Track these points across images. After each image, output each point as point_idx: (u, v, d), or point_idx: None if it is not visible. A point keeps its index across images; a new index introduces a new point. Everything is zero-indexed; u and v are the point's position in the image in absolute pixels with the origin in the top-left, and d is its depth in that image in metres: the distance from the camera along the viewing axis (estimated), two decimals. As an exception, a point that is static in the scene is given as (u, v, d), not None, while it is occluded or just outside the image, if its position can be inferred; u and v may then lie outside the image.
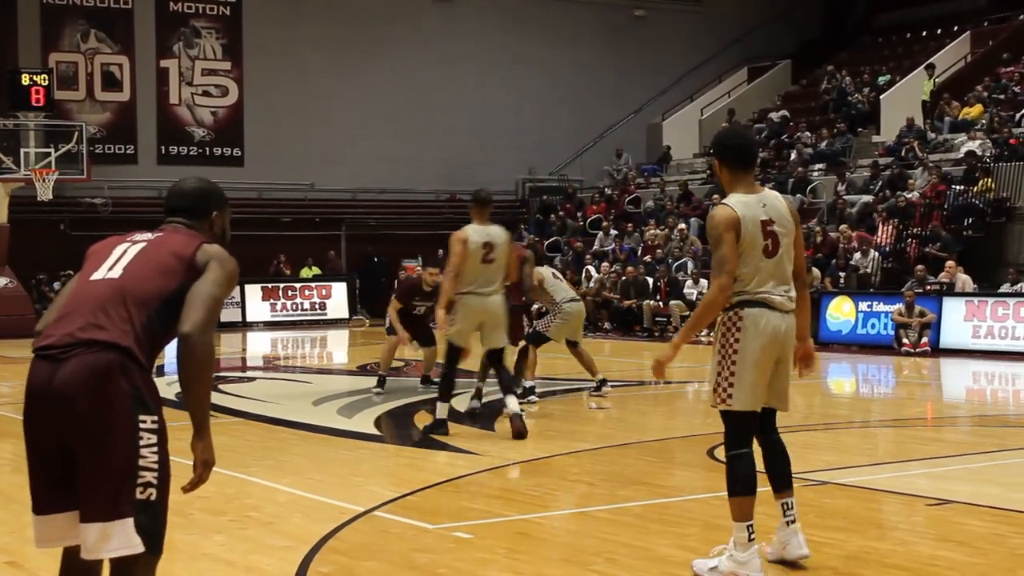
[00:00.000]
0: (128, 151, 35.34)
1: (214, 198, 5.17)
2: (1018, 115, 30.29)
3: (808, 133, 35.13)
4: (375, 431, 12.87)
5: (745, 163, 6.86)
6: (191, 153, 35.98)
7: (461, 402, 13.93)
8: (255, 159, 36.14)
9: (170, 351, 4.89)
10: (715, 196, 33.31)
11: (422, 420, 12.93)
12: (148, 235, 4.95)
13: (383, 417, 13.81)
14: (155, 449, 4.47)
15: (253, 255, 33.90)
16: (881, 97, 34.63)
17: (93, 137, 33.70)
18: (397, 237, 35.67)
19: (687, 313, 27.72)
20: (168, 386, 13.05)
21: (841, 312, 24.81)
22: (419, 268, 32.85)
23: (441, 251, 14.61)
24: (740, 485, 6.80)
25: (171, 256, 4.74)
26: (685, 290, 28.35)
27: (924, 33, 38.68)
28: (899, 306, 23.51)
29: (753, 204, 6.70)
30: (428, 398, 15.18)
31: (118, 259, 4.76)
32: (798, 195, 31.43)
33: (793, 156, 34.15)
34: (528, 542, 7.85)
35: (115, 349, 4.46)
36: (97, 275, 4.71)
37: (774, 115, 37.48)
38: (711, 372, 6.86)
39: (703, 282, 27.56)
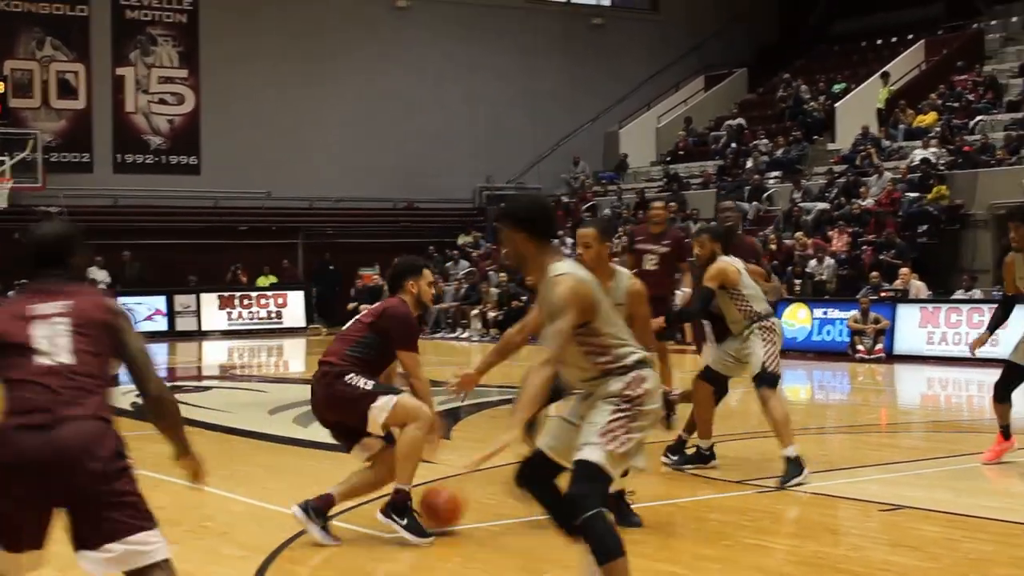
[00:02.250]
0: (83, 159, 35.12)
1: None
2: (971, 123, 30.53)
3: (764, 141, 35.29)
4: (331, 440, 12.81)
5: (553, 232, 6.16)
6: (147, 161, 35.78)
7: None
8: (211, 167, 35.98)
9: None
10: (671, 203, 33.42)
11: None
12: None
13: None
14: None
15: (209, 263, 33.89)
16: (836, 105, 34.82)
17: (48, 145, 33.54)
18: (354, 245, 35.59)
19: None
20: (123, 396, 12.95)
21: (796, 319, 24.94)
22: (376, 276, 33.00)
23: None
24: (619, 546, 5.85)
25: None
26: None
27: (879, 41, 38.90)
28: (854, 313, 23.67)
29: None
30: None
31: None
32: (754, 203, 31.60)
33: (749, 164, 34.31)
34: (484, 550, 7.85)
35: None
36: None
37: (731, 123, 37.64)
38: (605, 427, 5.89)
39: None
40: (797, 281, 26.77)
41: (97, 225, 29.41)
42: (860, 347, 23.29)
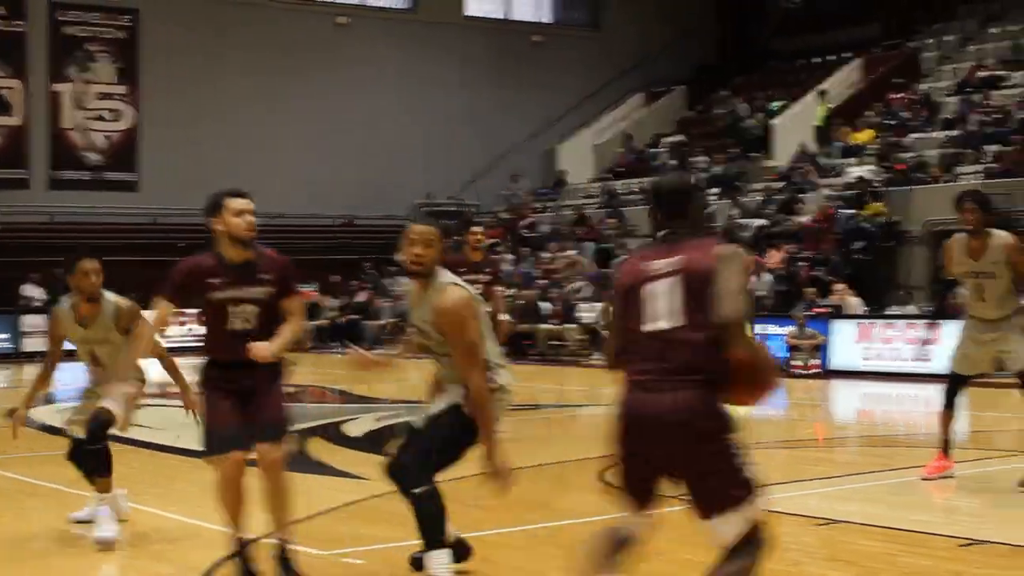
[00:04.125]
0: (20, 176, 34.79)
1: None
2: (907, 140, 30.83)
3: (703, 158, 35.48)
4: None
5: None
6: (84, 178, 35.49)
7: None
8: (150, 184, 35.70)
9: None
10: (610, 220, 33.57)
11: (317, 446, 12.82)
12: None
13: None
14: None
15: (149, 280, 33.53)
16: (774, 122, 35.07)
17: (-17, 162, 33.23)
18: (294, 263, 35.32)
19: (582, 337, 27.90)
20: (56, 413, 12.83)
21: (735, 335, 25.02)
22: (313, 293, 32.81)
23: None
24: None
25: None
26: (578, 313, 28.57)
27: (817, 59, 39.24)
28: (792, 328, 23.81)
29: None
30: (328, 422, 15.13)
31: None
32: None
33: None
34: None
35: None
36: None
37: (670, 140, 37.82)
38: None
39: (598, 305, 27.79)
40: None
41: (33, 242, 29.13)
42: (796, 362, 23.43)
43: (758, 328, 24.83)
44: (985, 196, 10.59)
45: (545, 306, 29.49)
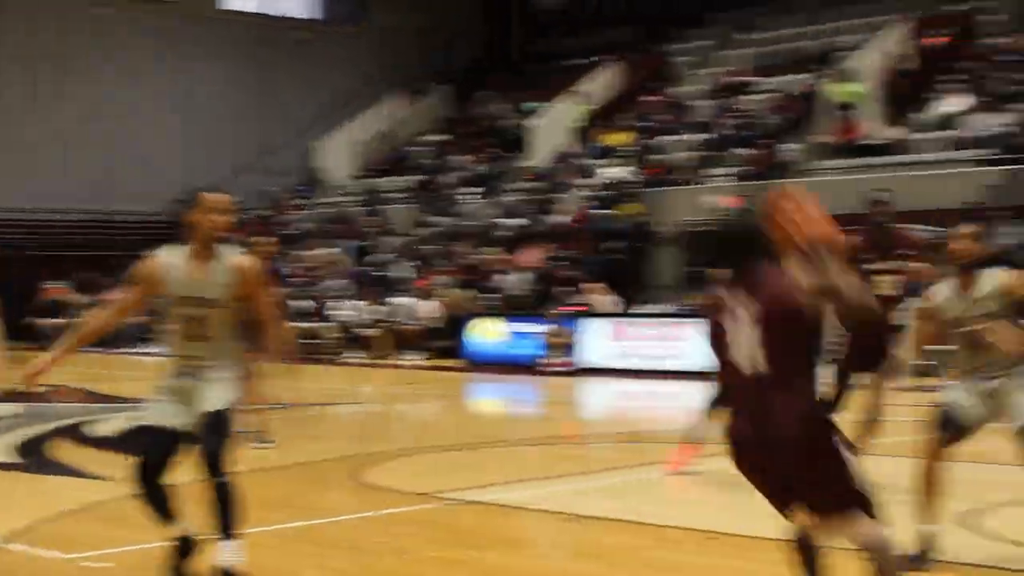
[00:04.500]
0: None
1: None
2: (661, 143, 31.52)
3: (464, 157, 35.66)
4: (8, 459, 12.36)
5: None
6: None
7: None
8: None
9: None
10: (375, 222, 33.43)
11: (60, 447, 12.47)
12: None
13: (19, 444, 13.27)
14: None
15: None
16: (534, 123, 35.44)
17: None
18: (41, 259, 34.25)
19: (338, 335, 27.79)
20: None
21: (490, 333, 25.27)
22: (66, 289, 31.81)
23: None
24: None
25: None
26: (335, 312, 28.48)
27: (576, 62, 39.76)
28: (548, 327, 24.11)
29: None
30: (74, 422, 14.74)
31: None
32: (451, 217, 31.90)
33: (449, 179, 34.62)
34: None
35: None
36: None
37: (431, 138, 37.92)
38: None
39: (358, 303, 27.74)
40: (491, 295, 27.18)
41: None
42: (550, 360, 23.74)
43: (513, 327, 25.10)
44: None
45: (301, 304, 29.24)
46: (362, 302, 28.29)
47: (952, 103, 27.75)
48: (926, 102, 29.10)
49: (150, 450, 6.87)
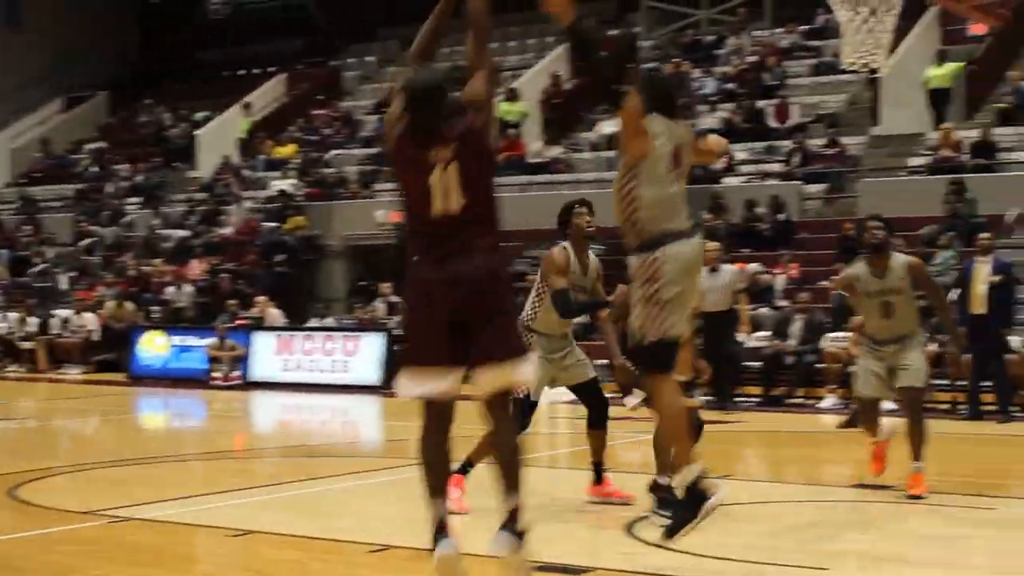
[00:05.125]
0: None
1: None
2: (328, 156, 31.59)
3: (125, 165, 34.91)
4: None
5: None
6: None
7: None
8: None
9: None
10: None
11: None
12: None
13: None
14: None
15: None
16: (199, 133, 34.97)
17: None
18: None
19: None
20: None
21: (155, 346, 24.81)
22: None
23: None
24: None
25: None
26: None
27: (242, 72, 39.45)
28: (212, 340, 23.84)
29: None
30: None
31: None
32: (113, 228, 31.20)
33: (110, 188, 33.80)
34: None
35: None
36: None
37: (91, 146, 36.95)
38: None
39: (12, 315, 26.87)
40: (155, 308, 26.70)
41: None
42: (217, 374, 23.49)
43: (178, 340, 24.71)
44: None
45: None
46: (17, 314, 27.34)
47: (610, 124, 28.74)
48: (587, 123, 30.09)
49: None
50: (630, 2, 34.79)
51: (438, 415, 6.17)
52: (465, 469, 9.45)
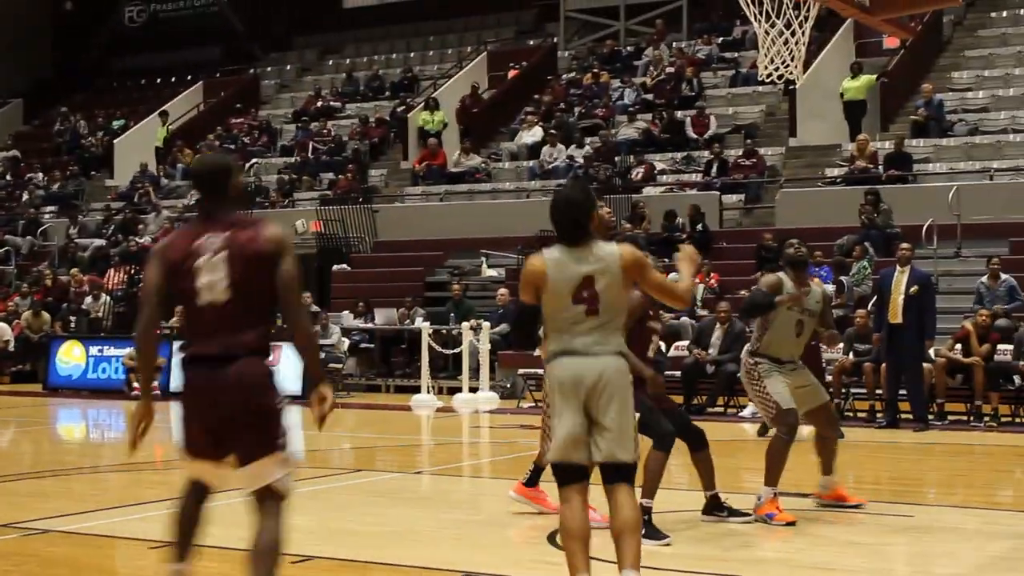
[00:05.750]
0: None
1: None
2: (247, 165, 31.40)
3: (40, 174, 34.53)
4: None
5: None
6: None
7: None
8: None
9: None
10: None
11: None
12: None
13: None
14: None
15: None
16: (115, 141, 34.68)
17: None
18: None
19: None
20: None
21: (72, 357, 24.53)
22: None
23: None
24: None
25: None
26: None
27: (159, 80, 39.20)
28: (130, 350, 23.60)
29: None
30: None
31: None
32: (29, 237, 30.83)
33: (25, 197, 33.42)
34: None
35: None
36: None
37: (5, 154, 36.52)
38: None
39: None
40: (72, 318, 26.40)
41: None
42: (136, 384, 23.27)
43: (96, 350, 24.46)
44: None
45: None
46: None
47: (529, 134, 28.86)
48: (505, 132, 30.18)
49: None
50: (550, 12, 34.98)
51: (199, 487, 6.24)
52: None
